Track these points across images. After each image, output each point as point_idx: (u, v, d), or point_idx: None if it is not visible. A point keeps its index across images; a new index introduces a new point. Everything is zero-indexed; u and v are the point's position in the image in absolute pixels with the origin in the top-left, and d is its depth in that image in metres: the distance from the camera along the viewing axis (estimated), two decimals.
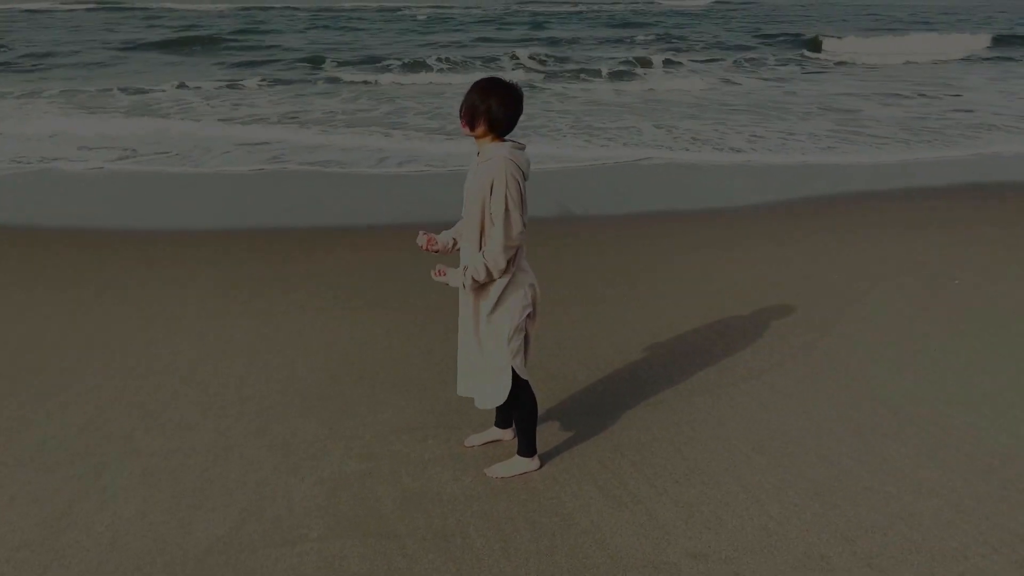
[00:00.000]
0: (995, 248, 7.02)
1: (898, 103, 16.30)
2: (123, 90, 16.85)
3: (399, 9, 48.47)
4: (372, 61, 23.13)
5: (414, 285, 6.05)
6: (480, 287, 3.30)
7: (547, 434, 3.95)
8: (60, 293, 5.94)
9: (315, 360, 4.83)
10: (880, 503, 3.40)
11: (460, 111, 3.23)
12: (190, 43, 27.26)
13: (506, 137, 3.27)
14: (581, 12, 48.76)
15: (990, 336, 5.17)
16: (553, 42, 29.44)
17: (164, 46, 26.63)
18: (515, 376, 3.41)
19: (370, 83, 19.24)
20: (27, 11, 43.63)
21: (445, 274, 3.31)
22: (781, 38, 31.62)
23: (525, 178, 3.21)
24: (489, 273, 3.20)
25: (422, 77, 20.49)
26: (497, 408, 3.84)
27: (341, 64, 22.50)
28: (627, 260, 6.73)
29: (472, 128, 3.20)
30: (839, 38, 29.53)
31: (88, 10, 45.24)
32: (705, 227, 7.77)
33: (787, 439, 3.92)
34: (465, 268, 3.24)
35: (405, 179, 9.85)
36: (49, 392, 4.40)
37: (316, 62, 22.57)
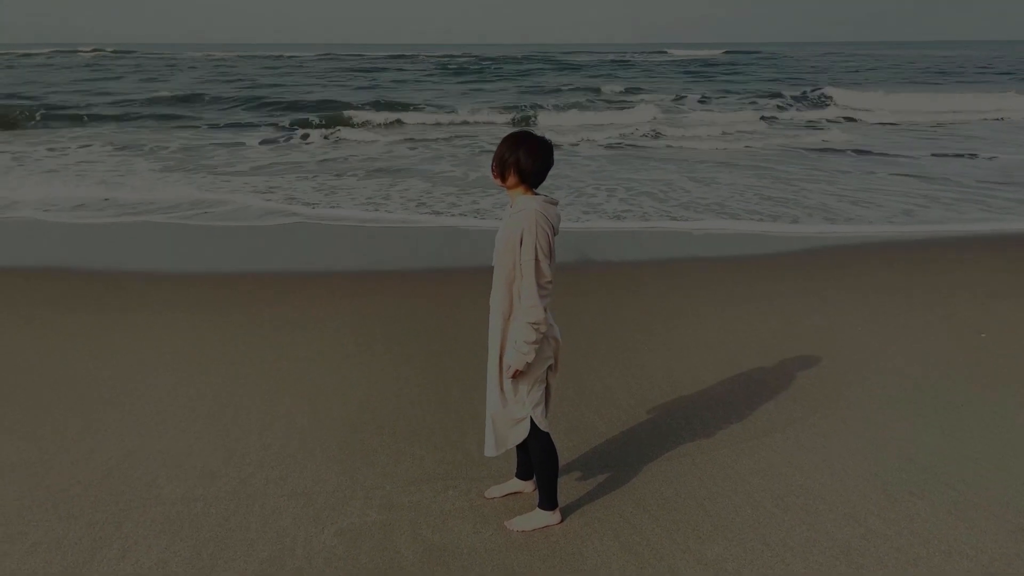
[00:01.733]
0: (1022, 302, 6.94)
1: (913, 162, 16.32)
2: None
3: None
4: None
5: (433, 332, 6.09)
6: (505, 336, 3.32)
7: (568, 487, 3.92)
8: (79, 340, 6.02)
9: (336, 407, 4.85)
10: (908, 565, 3.32)
11: (492, 163, 3.31)
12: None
13: (538, 190, 3.33)
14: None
15: (1018, 392, 5.09)
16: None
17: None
18: (535, 428, 3.42)
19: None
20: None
21: (511, 369, 3.29)
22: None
23: (555, 232, 3.26)
24: (535, 328, 3.22)
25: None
26: (518, 459, 3.83)
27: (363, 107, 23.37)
28: (647, 309, 6.72)
29: (503, 179, 3.28)
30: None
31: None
32: (725, 277, 7.76)
33: (812, 495, 3.86)
34: (514, 342, 3.27)
35: (428, 228, 9.96)
36: (75, 437, 4.45)
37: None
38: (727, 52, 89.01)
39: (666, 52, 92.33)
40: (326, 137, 19.40)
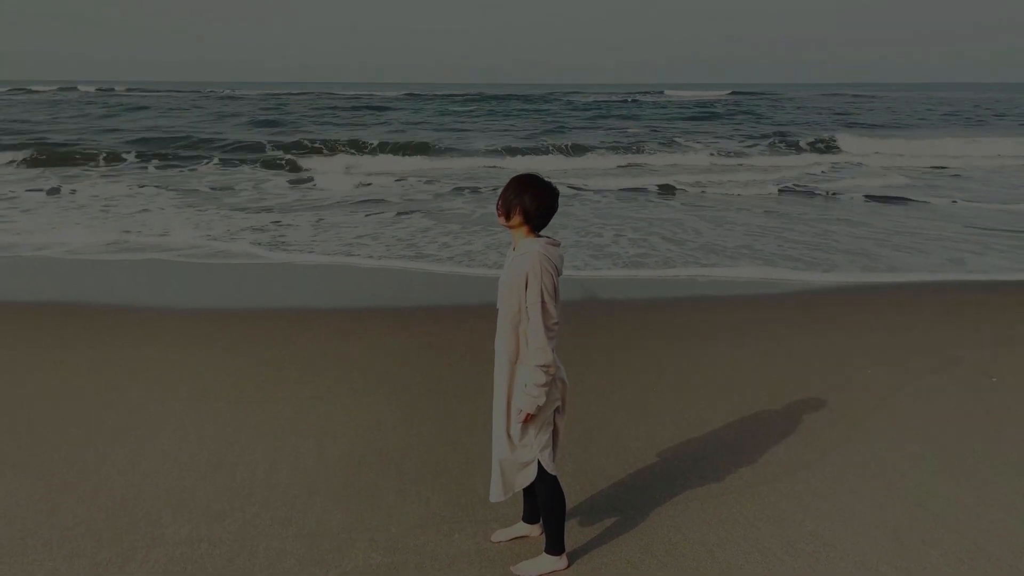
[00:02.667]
0: None
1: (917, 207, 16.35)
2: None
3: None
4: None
5: (441, 371, 6.09)
6: (512, 379, 3.33)
7: (575, 531, 3.88)
8: (84, 377, 6.05)
9: (342, 446, 4.84)
10: None
11: (497, 203, 3.35)
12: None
13: (541, 233, 3.36)
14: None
15: None
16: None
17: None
18: (543, 471, 3.40)
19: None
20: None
21: (522, 413, 3.29)
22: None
23: (558, 272, 3.29)
24: (545, 370, 3.22)
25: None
26: (525, 503, 3.81)
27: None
28: (655, 349, 6.71)
29: (507, 219, 3.31)
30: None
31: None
32: (733, 315, 7.75)
33: (822, 542, 3.81)
34: (524, 386, 3.27)
35: (434, 271, 10.01)
36: (81, 475, 4.44)
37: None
38: (732, 93, 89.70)
39: (662, 92, 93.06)
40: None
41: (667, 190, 17.37)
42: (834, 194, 17.00)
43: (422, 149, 25.13)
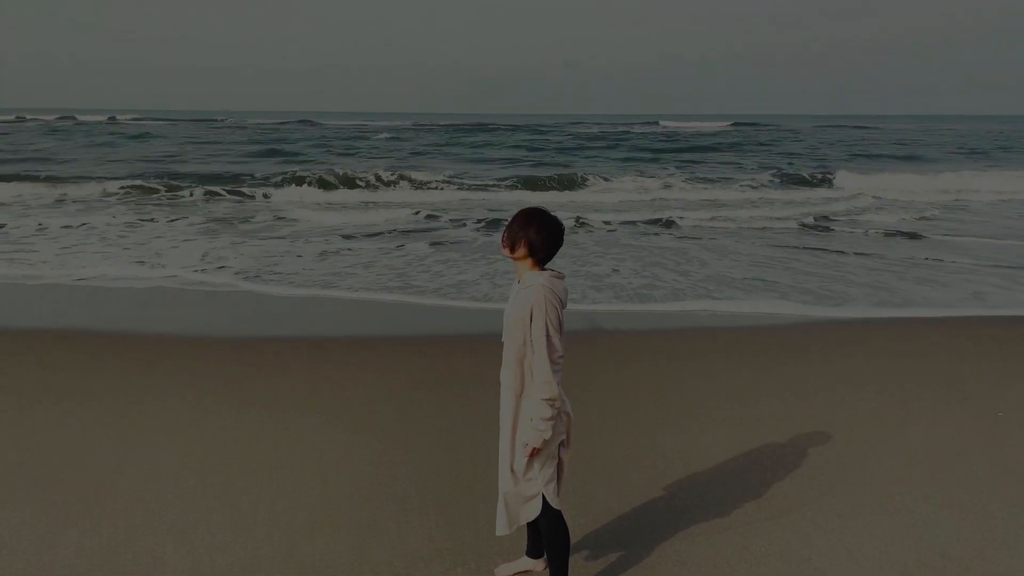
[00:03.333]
0: None
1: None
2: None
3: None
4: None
5: (446, 402, 6.08)
6: (517, 412, 3.33)
7: (579, 566, 3.85)
8: (87, 408, 6.05)
9: (345, 479, 4.82)
10: None
11: (503, 235, 3.38)
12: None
13: (546, 266, 3.39)
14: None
15: None
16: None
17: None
18: (547, 505, 3.38)
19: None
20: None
21: (528, 447, 3.29)
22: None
23: (563, 306, 3.30)
24: (551, 404, 3.22)
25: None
26: (529, 537, 3.78)
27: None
28: (659, 379, 6.69)
29: (512, 251, 3.34)
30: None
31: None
32: (737, 345, 7.74)
33: None
34: (530, 420, 3.27)
35: (445, 305, 10.04)
36: (84, 509, 4.43)
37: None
38: (735, 124, 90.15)
39: (658, 123, 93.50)
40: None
41: (669, 224, 17.35)
42: (850, 229, 16.80)
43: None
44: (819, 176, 28.99)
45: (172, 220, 16.65)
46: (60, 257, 12.35)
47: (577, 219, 17.29)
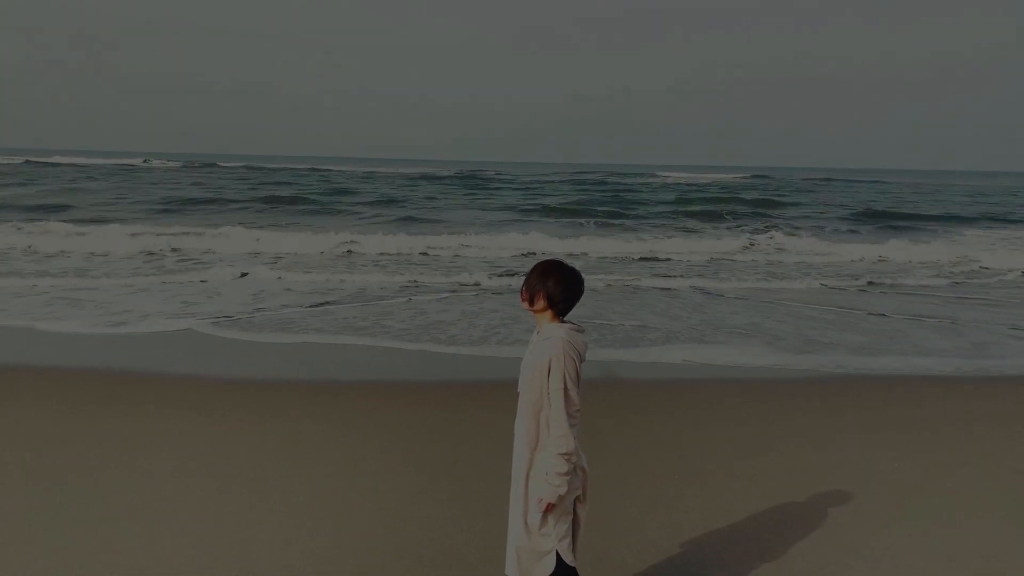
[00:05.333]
0: None
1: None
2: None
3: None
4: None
5: (458, 451, 6.03)
6: (530, 464, 3.29)
7: None
8: (116, 446, 6.05)
9: (357, 527, 4.77)
10: None
11: (522, 288, 3.40)
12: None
13: (565, 319, 3.38)
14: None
15: None
16: None
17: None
18: (561, 562, 3.32)
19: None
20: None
21: (543, 502, 3.24)
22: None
23: (581, 359, 3.29)
24: (567, 458, 3.19)
25: None
26: None
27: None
28: (676, 431, 6.61)
29: (531, 304, 3.34)
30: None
31: None
32: (755, 395, 7.65)
33: None
34: (545, 474, 3.24)
35: (452, 357, 10.03)
36: (95, 551, 4.41)
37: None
38: (755, 176, 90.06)
39: (655, 174, 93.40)
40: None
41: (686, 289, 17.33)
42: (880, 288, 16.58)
43: None
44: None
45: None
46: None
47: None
